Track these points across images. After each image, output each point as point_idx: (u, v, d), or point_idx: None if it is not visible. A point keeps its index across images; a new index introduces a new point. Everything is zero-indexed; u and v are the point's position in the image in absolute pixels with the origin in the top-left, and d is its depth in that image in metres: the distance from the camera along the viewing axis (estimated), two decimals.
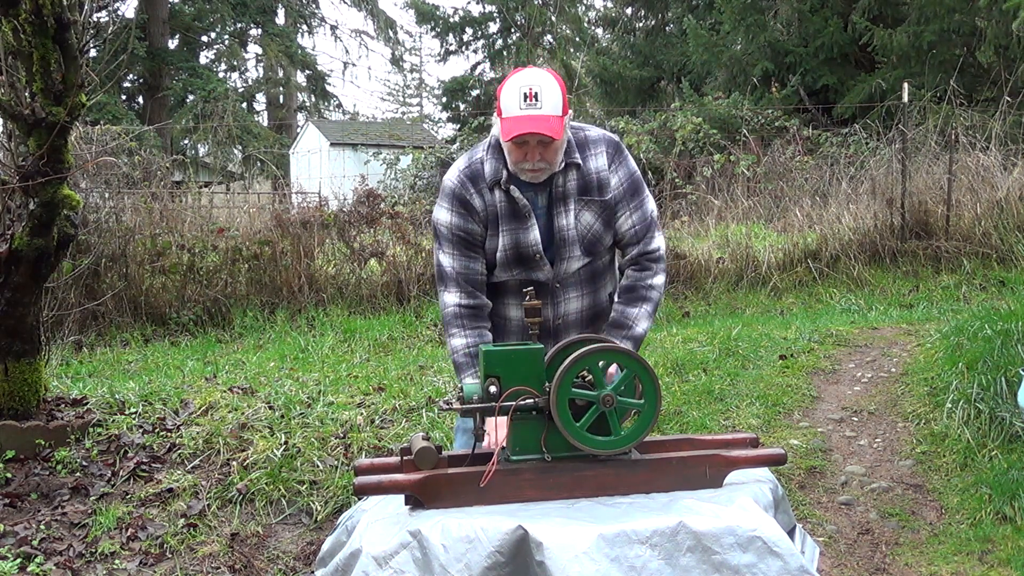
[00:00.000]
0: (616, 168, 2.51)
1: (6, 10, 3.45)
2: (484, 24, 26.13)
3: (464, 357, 2.45)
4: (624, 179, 2.52)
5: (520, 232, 2.46)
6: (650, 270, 2.56)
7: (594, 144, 2.51)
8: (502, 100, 2.34)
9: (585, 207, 2.48)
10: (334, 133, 22.91)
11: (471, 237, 2.48)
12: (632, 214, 2.53)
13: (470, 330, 2.47)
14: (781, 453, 2.23)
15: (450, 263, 2.49)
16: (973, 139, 8.81)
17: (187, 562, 3.42)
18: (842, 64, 14.15)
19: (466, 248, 2.48)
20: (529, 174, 2.41)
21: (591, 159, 2.49)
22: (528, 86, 2.31)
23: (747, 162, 10.15)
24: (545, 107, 2.31)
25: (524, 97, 2.31)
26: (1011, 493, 3.67)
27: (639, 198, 2.54)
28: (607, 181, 2.49)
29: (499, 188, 2.45)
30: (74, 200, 3.81)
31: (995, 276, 7.38)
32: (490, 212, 2.47)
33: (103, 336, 6.74)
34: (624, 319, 2.52)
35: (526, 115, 2.30)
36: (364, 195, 8.36)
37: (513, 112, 2.32)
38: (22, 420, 3.87)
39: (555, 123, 2.32)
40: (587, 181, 2.48)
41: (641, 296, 2.54)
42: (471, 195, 2.47)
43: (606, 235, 2.53)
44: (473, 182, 2.48)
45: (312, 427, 4.16)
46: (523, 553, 1.82)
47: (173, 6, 24.26)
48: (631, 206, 2.53)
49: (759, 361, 5.34)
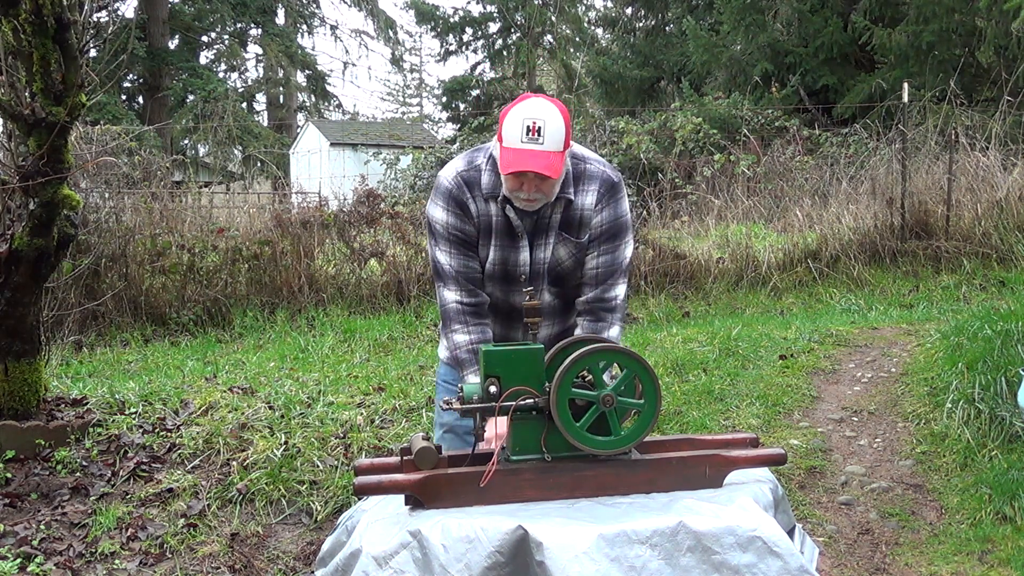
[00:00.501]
0: (602, 208, 2.46)
1: (6, 10, 3.45)
2: (484, 24, 26.14)
3: (467, 353, 2.44)
4: (607, 220, 2.46)
5: (511, 250, 2.45)
6: (604, 321, 2.48)
7: (589, 180, 2.46)
8: (504, 128, 2.29)
9: (562, 242, 2.45)
10: (334, 133, 22.93)
11: (468, 237, 2.46)
12: (601, 256, 2.47)
13: (473, 326, 2.46)
14: (781, 453, 2.23)
15: (448, 260, 2.47)
16: (973, 139, 8.81)
17: (187, 562, 3.42)
18: (842, 64, 14.16)
19: (463, 247, 2.47)
20: (524, 203, 2.37)
21: (581, 194, 2.45)
22: (532, 119, 2.26)
23: (747, 162, 10.15)
24: (547, 143, 2.26)
25: (527, 130, 2.25)
26: (1011, 493, 3.67)
27: (615, 243, 2.48)
28: (589, 220, 2.45)
29: (494, 202, 2.43)
30: (74, 200, 3.81)
31: (995, 276, 7.38)
32: (482, 221, 2.45)
33: (103, 336, 6.74)
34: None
35: (527, 150, 2.25)
36: (364, 195, 8.36)
37: (514, 144, 2.27)
38: (22, 420, 3.87)
39: (555, 160, 2.27)
40: (571, 216, 2.45)
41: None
42: (467, 199, 2.45)
43: (576, 272, 2.49)
44: (469, 187, 2.45)
45: (312, 427, 4.16)
46: (523, 553, 1.82)
47: (173, 6, 24.26)
48: (602, 248, 2.47)
49: (759, 361, 5.34)
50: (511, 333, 2.54)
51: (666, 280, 7.79)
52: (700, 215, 9.56)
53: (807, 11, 14.14)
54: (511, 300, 2.50)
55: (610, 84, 18.06)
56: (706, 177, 10.13)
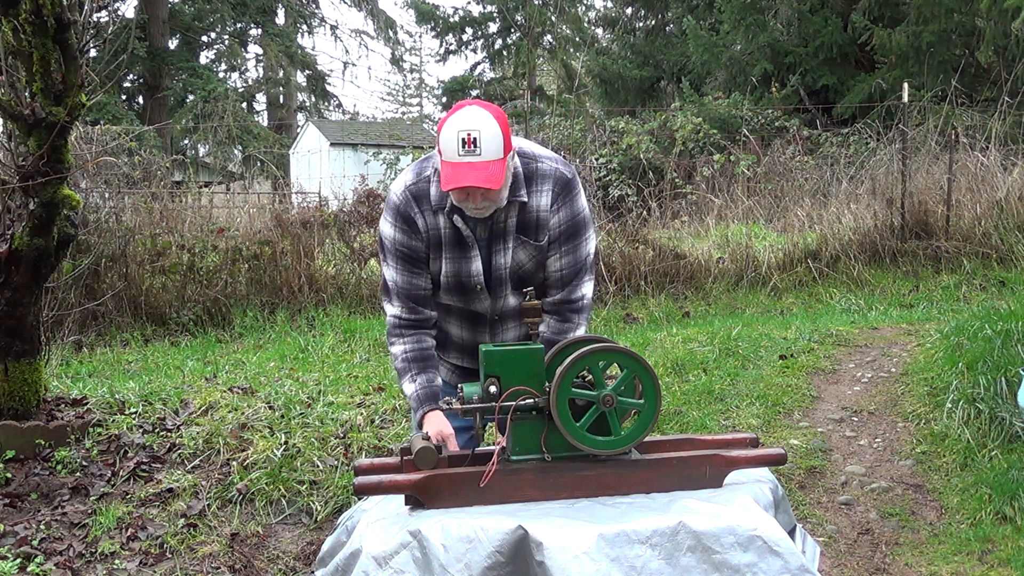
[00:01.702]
0: (559, 208, 2.41)
1: (6, 10, 3.45)
2: (484, 24, 26.15)
3: (402, 363, 2.45)
4: (564, 220, 2.42)
5: (462, 261, 2.41)
6: (571, 322, 2.45)
7: (542, 179, 2.41)
8: (441, 142, 2.23)
9: (520, 246, 2.42)
10: (334, 133, 22.92)
11: (415, 253, 2.42)
12: (563, 257, 2.44)
13: (408, 337, 2.46)
14: (781, 453, 2.23)
15: (393, 277, 2.45)
16: (973, 139, 8.81)
17: (187, 562, 3.42)
18: (842, 64, 14.16)
19: (410, 264, 2.43)
20: (473, 211, 2.32)
21: (535, 195, 2.40)
22: (467, 130, 2.19)
23: (747, 162, 10.15)
24: (485, 153, 2.19)
25: (463, 143, 2.19)
26: (1011, 493, 3.67)
27: (576, 241, 2.45)
28: (546, 222, 2.42)
29: (443, 214, 2.38)
30: (74, 200, 3.81)
31: (995, 276, 7.38)
32: (432, 235, 2.40)
33: (103, 336, 6.74)
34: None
35: (465, 162, 2.19)
36: (364, 195, 8.36)
37: (452, 158, 2.20)
38: (22, 420, 3.87)
39: (495, 170, 2.21)
40: (527, 219, 2.40)
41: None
42: (415, 213, 2.40)
43: (538, 274, 2.46)
44: (417, 201, 2.40)
45: (312, 427, 4.16)
46: (523, 553, 1.82)
47: (173, 6, 24.26)
48: (563, 249, 2.43)
49: (759, 361, 5.34)
50: (478, 337, 2.52)
51: (666, 280, 7.79)
52: (700, 215, 9.56)
53: (807, 11, 14.14)
54: (472, 307, 2.49)
55: (610, 84, 18.06)
56: (706, 177, 10.13)
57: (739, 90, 14.13)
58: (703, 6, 17.30)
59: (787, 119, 11.87)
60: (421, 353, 2.46)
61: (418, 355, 2.46)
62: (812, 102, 13.52)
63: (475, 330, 2.55)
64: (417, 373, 2.44)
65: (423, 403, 2.41)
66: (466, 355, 2.58)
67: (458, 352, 2.60)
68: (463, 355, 2.60)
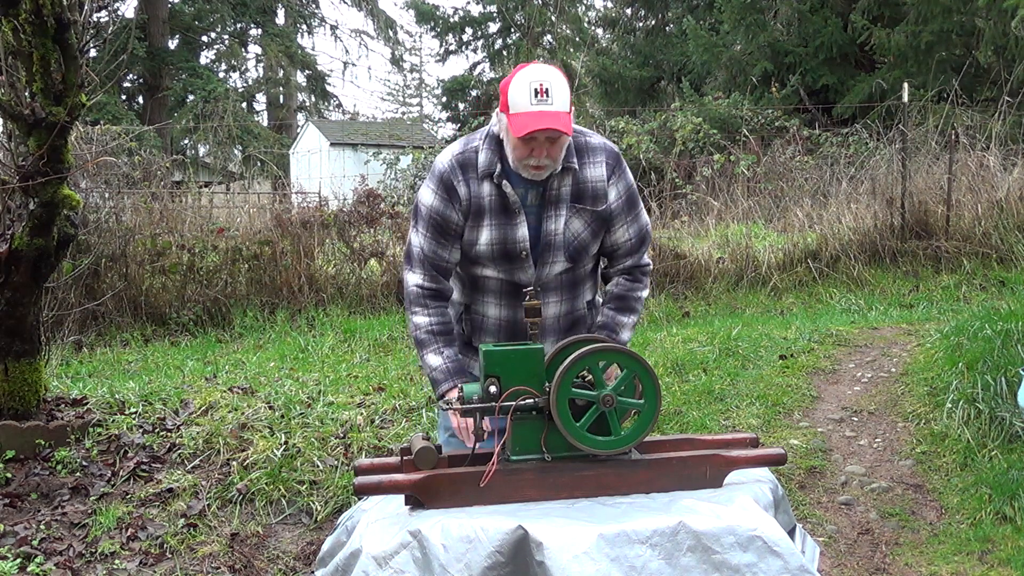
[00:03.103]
0: (616, 181, 2.49)
1: (6, 10, 3.45)
2: (484, 24, 26.14)
3: (426, 335, 2.47)
4: (623, 192, 2.50)
5: (508, 228, 2.43)
6: (640, 283, 2.57)
7: (593, 152, 2.48)
8: (511, 95, 2.29)
9: (576, 215, 2.45)
10: (334, 133, 22.91)
11: (447, 224, 2.44)
12: (629, 227, 2.52)
13: (432, 309, 2.48)
14: (781, 453, 2.23)
15: (420, 243, 2.47)
16: (973, 139, 8.81)
17: (187, 562, 3.42)
18: (842, 64, 14.17)
19: (439, 234, 2.46)
20: (532, 171, 2.37)
21: (588, 167, 2.46)
22: (539, 81, 2.27)
23: (747, 162, 10.15)
24: (556, 103, 2.27)
25: (535, 93, 2.26)
26: (1011, 493, 3.67)
27: (636, 210, 2.54)
28: (604, 193, 2.47)
29: (490, 181, 2.42)
30: (74, 200, 3.81)
31: (995, 276, 7.38)
32: (474, 203, 2.43)
33: (103, 336, 6.74)
34: (613, 324, 2.53)
35: (538, 111, 2.25)
36: (364, 195, 8.35)
37: (524, 108, 2.27)
38: (22, 420, 3.87)
39: (566, 119, 2.28)
40: (582, 188, 2.46)
41: (631, 307, 2.56)
42: (458, 182, 2.43)
43: (593, 245, 2.51)
44: (463, 169, 2.44)
45: (312, 427, 4.16)
46: (523, 553, 1.82)
47: (173, 6, 24.27)
48: (628, 219, 2.52)
49: (759, 361, 5.34)
50: (517, 314, 2.49)
51: (666, 280, 7.79)
52: (700, 215, 9.56)
53: (807, 11, 14.15)
54: (515, 279, 2.48)
55: (610, 84, 18.06)
56: (706, 177, 10.13)
57: (739, 90, 14.13)
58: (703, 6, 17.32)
59: (787, 119, 11.87)
60: (445, 327, 2.48)
61: (443, 328, 2.48)
62: (812, 102, 13.53)
63: (514, 306, 2.51)
64: (444, 346, 2.46)
65: (452, 376, 2.43)
66: (502, 340, 2.54)
67: (494, 337, 2.55)
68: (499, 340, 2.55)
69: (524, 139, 2.29)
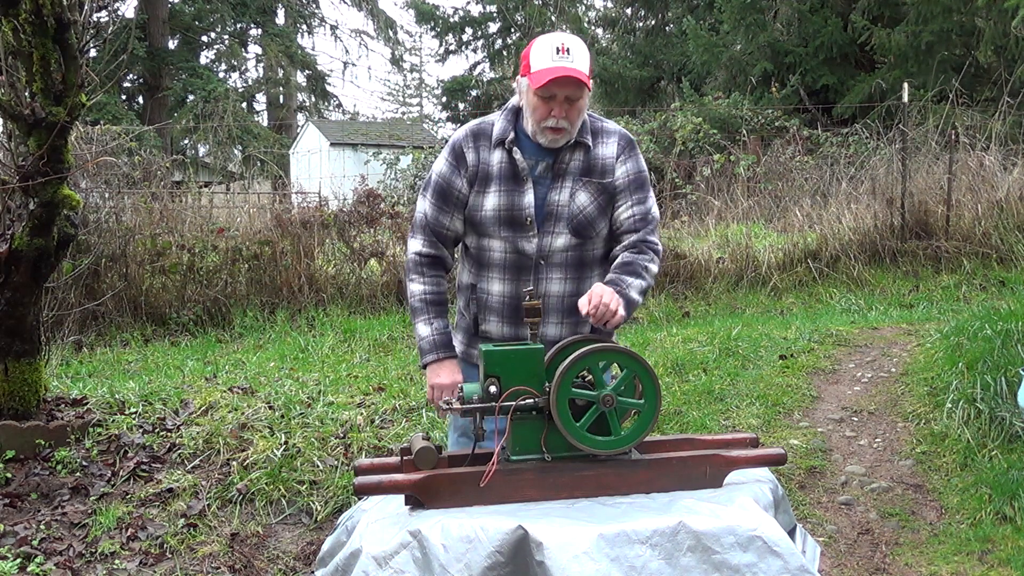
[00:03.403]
0: (625, 160, 2.52)
1: (6, 10, 3.45)
2: (484, 24, 26.12)
3: (419, 303, 2.54)
4: (631, 171, 2.52)
5: (515, 194, 2.47)
6: (647, 255, 2.49)
7: (608, 134, 2.53)
8: (532, 55, 2.38)
9: (583, 187, 2.48)
10: (334, 133, 22.91)
11: (451, 190, 2.51)
12: (634, 206, 2.51)
13: (428, 278, 2.54)
14: (781, 453, 2.23)
15: (425, 209, 2.54)
16: (973, 139, 8.81)
17: (187, 562, 3.42)
18: (842, 64, 14.17)
19: (442, 200, 2.52)
20: (550, 134, 2.42)
21: (601, 146, 2.51)
22: (561, 42, 2.37)
23: (747, 162, 10.15)
24: (576, 62, 2.34)
25: (556, 51, 2.35)
26: (1011, 493, 3.67)
27: (643, 193, 2.53)
28: (611, 168, 2.50)
29: (502, 148, 2.48)
30: (74, 200, 3.81)
31: (995, 276, 7.38)
32: (481, 169, 2.49)
33: (103, 336, 6.74)
34: (619, 279, 2.41)
35: (559, 65, 2.33)
36: (364, 195, 8.35)
37: (545, 64, 2.34)
38: (22, 420, 3.87)
39: (586, 77, 2.35)
40: (591, 164, 2.50)
41: (636, 271, 2.44)
42: (468, 148, 2.51)
43: (599, 220, 2.50)
44: (475, 137, 2.52)
45: (312, 427, 4.16)
46: (523, 553, 1.82)
47: (173, 6, 24.26)
48: (634, 197, 2.51)
49: (759, 361, 5.34)
50: (521, 288, 2.48)
51: (666, 280, 7.79)
52: (700, 215, 9.57)
53: (807, 11, 14.15)
54: (519, 247, 2.49)
55: (610, 84, 18.06)
56: (706, 177, 10.13)
57: (739, 90, 14.13)
58: (703, 6, 17.31)
59: (787, 119, 11.87)
60: (439, 297, 2.55)
61: (436, 298, 2.54)
62: (812, 102, 13.53)
63: (518, 279, 2.50)
64: (434, 316, 2.52)
65: (438, 348, 2.49)
66: (506, 321, 2.53)
67: (498, 317, 2.53)
68: (503, 321, 2.53)
69: (543, 96, 2.36)
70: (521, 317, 2.40)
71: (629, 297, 2.37)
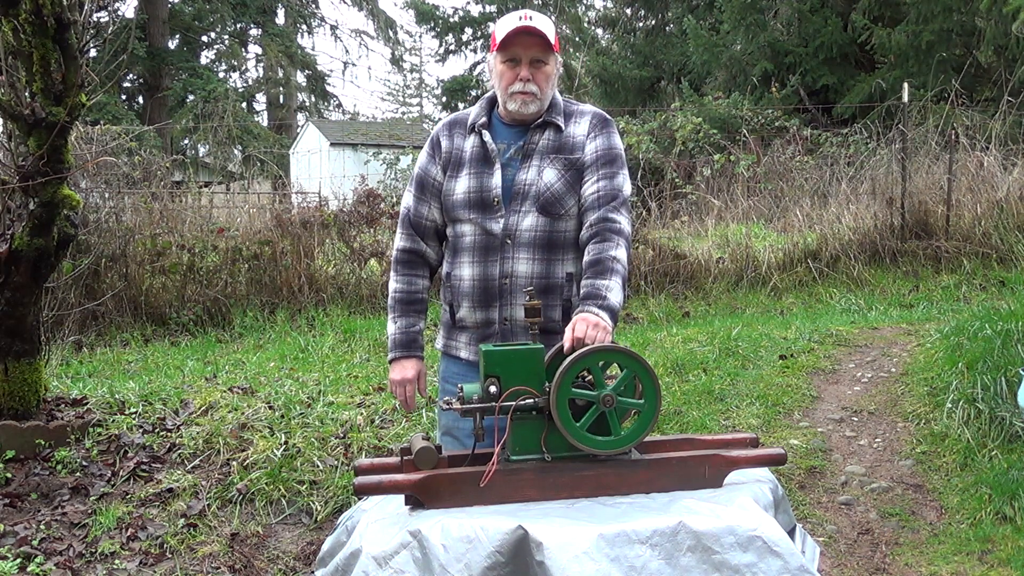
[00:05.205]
0: (595, 137, 2.51)
1: (6, 10, 3.45)
2: (484, 24, 26.12)
3: (391, 300, 2.63)
4: (601, 148, 2.50)
5: (484, 176, 2.50)
6: (611, 241, 2.40)
7: (581, 115, 2.55)
8: (498, 29, 2.47)
9: (551, 164, 2.49)
10: (334, 133, 22.91)
11: (428, 178, 2.58)
12: (599, 181, 2.46)
13: (401, 276, 2.62)
14: (781, 453, 2.22)
15: (407, 202, 2.63)
16: (973, 139, 8.81)
17: (187, 562, 3.42)
18: (842, 64, 14.16)
19: (420, 190, 2.60)
20: (520, 99, 2.45)
21: (573, 125, 2.53)
22: (523, 12, 2.47)
23: (747, 162, 10.15)
24: (539, 26, 2.42)
25: (519, 18, 2.44)
26: (1011, 493, 3.67)
27: (612, 169, 2.47)
28: (581, 145, 2.51)
29: (475, 133, 2.54)
30: (74, 200, 3.81)
31: (995, 276, 7.38)
32: (454, 155, 2.55)
33: (103, 336, 6.74)
34: (596, 290, 2.33)
35: (522, 26, 2.42)
36: (364, 195, 8.35)
37: (508, 28, 2.43)
38: (22, 420, 3.87)
39: (548, 39, 2.42)
40: (562, 143, 2.51)
41: (607, 268, 2.36)
42: (444, 136, 2.59)
43: (567, 197, 2.47)
44: (452, 126, 2.61)
45: (312, 427, 4.16)
46: (523, 553, 1.82)
47: (173, 6, 24.27)
48: (600, 173, 2.47)
49: (759, 361, 5.34)
50: (489, 270, 2.48)
51: (666, 280, 7.79)
52: (700, 215, 9.57)
53: (807, 11, 14.15)
54: (486, 227, 2.49)
55: (610, 84, 18.05)
56: (706, 177, 10.13)
57: (739, 90, 14.13)
58: (703, 6, 17.31)
59: (787, 119, 11.87)
60: (408, 295, 2.61)
61: (405, 296, 2.61)
62: (812, 102, 13.53)
63: (486, 260, 2.49)
64: (400, 315, 2.60)
65: (398, 347, 2.59)
66: (477, 305, 2.50)
67: (469, 301, 2.51)
68: (474, 306, 2.51)
69: (508, 60, 2.45)
70: (491, 300, 2.48)
71: (611, 307, 2.30)
